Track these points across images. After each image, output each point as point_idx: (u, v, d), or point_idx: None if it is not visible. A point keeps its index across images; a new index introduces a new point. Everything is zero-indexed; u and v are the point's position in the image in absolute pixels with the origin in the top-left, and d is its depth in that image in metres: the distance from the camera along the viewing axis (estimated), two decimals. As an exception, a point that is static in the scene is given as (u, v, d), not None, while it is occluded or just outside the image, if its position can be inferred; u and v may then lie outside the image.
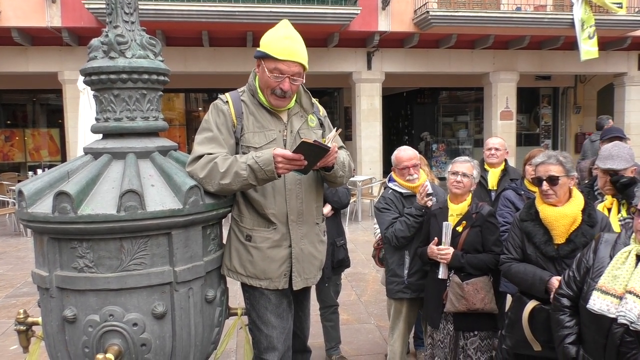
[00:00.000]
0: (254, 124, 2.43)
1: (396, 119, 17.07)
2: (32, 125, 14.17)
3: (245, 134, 2.41)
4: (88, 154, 2.36)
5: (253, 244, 2.42)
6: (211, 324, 2.41)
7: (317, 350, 3.91)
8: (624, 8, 11.48)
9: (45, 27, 9.98)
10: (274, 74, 2.34)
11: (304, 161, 2.23)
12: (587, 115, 15.49)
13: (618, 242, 2.19)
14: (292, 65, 2.36)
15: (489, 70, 12.69)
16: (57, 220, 2.03)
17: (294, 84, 2.39)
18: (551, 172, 2.63)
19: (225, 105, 2.43)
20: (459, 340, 3.08)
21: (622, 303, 2.00)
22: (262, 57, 2.39)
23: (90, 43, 2.34)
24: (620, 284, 2.03)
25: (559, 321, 2.30)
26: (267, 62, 2.36)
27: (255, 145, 2.39)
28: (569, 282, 2.32)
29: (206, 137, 2.38)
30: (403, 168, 3.50)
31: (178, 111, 14.43)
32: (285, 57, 2.33)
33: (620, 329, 2.01)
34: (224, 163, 2.27)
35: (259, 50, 2.40)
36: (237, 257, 2.46)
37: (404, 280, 3.44)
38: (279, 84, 2.36)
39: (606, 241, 2.24)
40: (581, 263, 2.29)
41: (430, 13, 10.56)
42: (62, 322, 2.15)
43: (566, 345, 2.23)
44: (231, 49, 11.33)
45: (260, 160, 2.22)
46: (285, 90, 2.38)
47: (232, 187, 2.28)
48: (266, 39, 2.40)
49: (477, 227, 3.09)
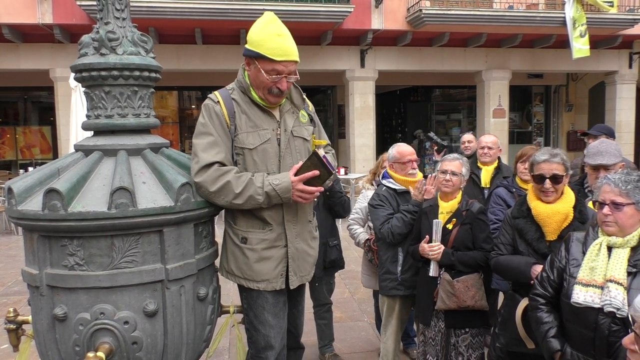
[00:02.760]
0: (247, 123, 2.39)
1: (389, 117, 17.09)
2: (23, 122, 14.06)
3: (239, 135, 2.37)
4: (79, 151, 2.34)
5: (249, 246, 2.41)
6: (203, 322, 2.40)
7: (310, 348, 3.92)
8: (615, 7, 11.57)
9: (37, 23, 9.91)
10: (271, 75, 2.31)
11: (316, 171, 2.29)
12: (579, 113, 15.58)
13: (588, 238, 2.24)
14: (289, 65, 2.33)
15: (481, 69, 12.74)
16: (47, 218, 2.02)
17: (290, 81, 2.38)
18: (555, 170, 2.65)
19: (217, 106, 2.37)
20: (450, 338, 3.10)
21: (604, 292, 2.04)
22: (255, 57, 2.33)
23: (81, 39, 2.32)
24: (599, 275, 2.08)
25: (538, 318, 2.33)
26: (262, 63, 2.31)
27: (250, 146, 2.36)
28: (542, 282, 2.36)
29: (209, 142, 2.31)
30: (407, 162, 3.52)
31: (171, 109, 14.37)
32: (283, 57, 2.30)
33: (607, 319, 2.04)
34: (237, 182, 2.26)
35: (250, 49, 2.34)
36: (233, 260, 2.46)
37: (397, 277, 3.45)
38: (275, 84, 2.34)
39: (577, 239, 2.30)
40: (554, 263, 2.33)
41: (423, 11, 10.58)
42: (53, 320, 2.13)
43: (549, 340, 2.25)
44: (224, 47, 11.30)
45: (278, 187, 2.26)
46: (283, 90, 2.36)
47: (243, 207, 2.31)
48: (257, 36, 2.33)
49: (467, 224, 3.11)
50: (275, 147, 2.40)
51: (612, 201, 2.11)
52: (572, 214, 2.65)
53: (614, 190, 2.12)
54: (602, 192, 2.16)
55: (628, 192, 2.09)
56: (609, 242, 2.14)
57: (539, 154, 2.75)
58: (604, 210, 2.13)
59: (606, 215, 2.12)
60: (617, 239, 2.12)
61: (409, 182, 3.53)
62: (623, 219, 2.10)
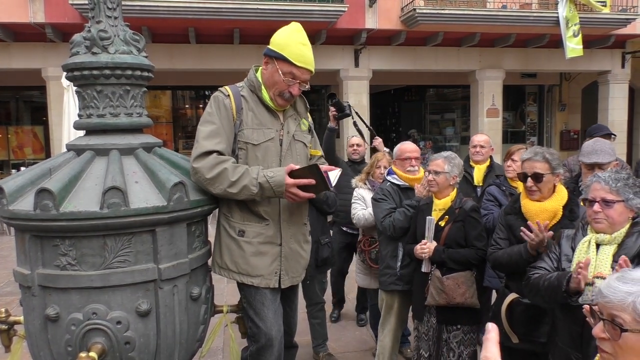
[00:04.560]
0: (253, 120, 2.46)
1: (384, 116, 17.10)
2: (15, 122, 13.95)
3: (244, 130, 2.43)
4: (71, 150, 2.33)
5: (246, 239, 2.44)
6: (196, 322, 2.39)
7: (304, 347, 3.92)
8: (608, 7, 11.62)
9: (29, 22, 9.84)
10: (287, 77, 2.40)
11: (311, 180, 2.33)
12: (572, 113, 15.65)
13: (577, 235, 2.28)
14: (305, 73, 2.45)
15: (475, 68, 12.77)
16: (38, 218, 2.01)
17: (301, 89, 2.48)
18: (536, 169, 2.66)
19: (227, 99, 2.44)
20: (442, 334, 3.12)
21: (591, 289, 2.07)
22: (276, 58, 2.41)
23: (73, 38, 2.31)
24: (589, 272, 2.11)
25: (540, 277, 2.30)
26: (281, 64, 2.40)
27: (254, 142, 2.43)
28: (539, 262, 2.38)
29: (212, 131, 2.38)
30: (405, 158, 3.57)
31: (165, 108, 14.30)
32: (303, 64, 2.42)
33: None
34: (234, 172, 2.31)
35: (273, 49, 2.43)
36: (228, 253, 2.47)
37: (397, 272, 3.47)
38: (289, 87, 2.42)
39: (567, 236, 2.35)
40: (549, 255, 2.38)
41: (417, 11, 10.58)
42: (45, 320, 2.12)
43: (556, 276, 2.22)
44: (218, 46, 11.26)
45: (272, 180, 2.30)
46: (294, 95, 2.45)
47: (237, 196, 2.34)
48: (282, 40, 2.42)
49: (459, 222, 3.13)
50: (277, 146, 2.48)
51: (602, 198, 2.15)
52: (562, 212, 2.68)
53: (604, 187, 2.16)
54: (592, 190, 2.20)
55: (618, 189, 2.14)
56: (597, 239, 2.18)
57: (526, 153, 2.80)
58: (594, 207, 2.18)
59: (596, 212, 2.17)
60: (605, 236, 2.16)
61: (410, 179, 3.56)
62: (613, 215, 2.14)
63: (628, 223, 2.18)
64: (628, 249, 2.11)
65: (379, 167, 4.00)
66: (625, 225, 2.17)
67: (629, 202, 2.15)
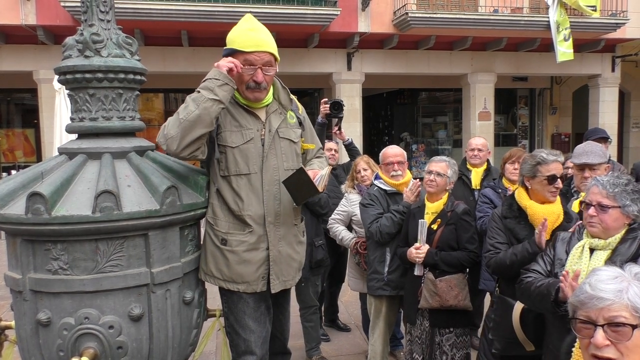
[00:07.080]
0: (231, 122, 2.40)
1: (376, 119, 17.12)
2: (6, 125, 13.84)
3: (222, 133, 2.38)
4: (63, 154, 2.32)
5: (229, 248, 2.38)
6: (189, 326, 2.38)
7: (297, 351, 3.91)
8: (598, 11, 11.73)
9: (20, 25, 9.78)
10: (245, 66, 2.34)
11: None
12: (563, 116, 15.77)
13: (572, 239, 2.27)
14: (262, 55, 2.37)
15: (467, 72, 12.84)
16: (30, 222, 1.99)
17: (267, 74, 2.39)
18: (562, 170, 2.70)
19: None
20: (435, 337, 3.12)
21: None
22: (230, 54, 2.38)
23: (65, 41, 2.30)
24: (582, 278, 2.08)
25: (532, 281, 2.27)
26: (236, 57, 2.35)
27: (232, 144, 2.37)
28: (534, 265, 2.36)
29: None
30: (388, 163, 3.55)
31: (157, 111, 14.26)
32: (253, 48, 2.35)
33: None
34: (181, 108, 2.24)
35: (226, 47, 2.41)
36: (212, 261, 2.42)
37: (384, 277, 3.47)
38: (251, 76, 2.36)
39: (562, 239, 2.33)
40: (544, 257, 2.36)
41: (409, 14, 10.64)
42: (36, 325, 2.11)
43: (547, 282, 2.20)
44: (211, 49, 11.23)
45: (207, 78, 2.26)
46: (259, 82, 2.37)
47: (201, 119, 2.20)
48: (231, 35, 2.41)
49: (451, 224, 3.14)
50: (258, 147, 2.40)
51: (598, 203, 2.14)
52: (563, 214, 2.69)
53: (601, 192, 2.14)
54: (590, 193, 2.18)
55: (615, 195, 2.12)
56: (591, 244, 2.16)
57: (545, 154, 2.73)
58: (589, 211, 2.16)
59: (591, 216, 2.15)
60: (600, 241, 2.14)
61: (396, 185, 3.55)
62: (608, 221, 2.12)
63: (624, 229, 2.15)
64: (621, 255, 2.08)
65: (359, 172, 4.01)
66: (620, 231, 2.14)
67: (625, 209, 2.12)
